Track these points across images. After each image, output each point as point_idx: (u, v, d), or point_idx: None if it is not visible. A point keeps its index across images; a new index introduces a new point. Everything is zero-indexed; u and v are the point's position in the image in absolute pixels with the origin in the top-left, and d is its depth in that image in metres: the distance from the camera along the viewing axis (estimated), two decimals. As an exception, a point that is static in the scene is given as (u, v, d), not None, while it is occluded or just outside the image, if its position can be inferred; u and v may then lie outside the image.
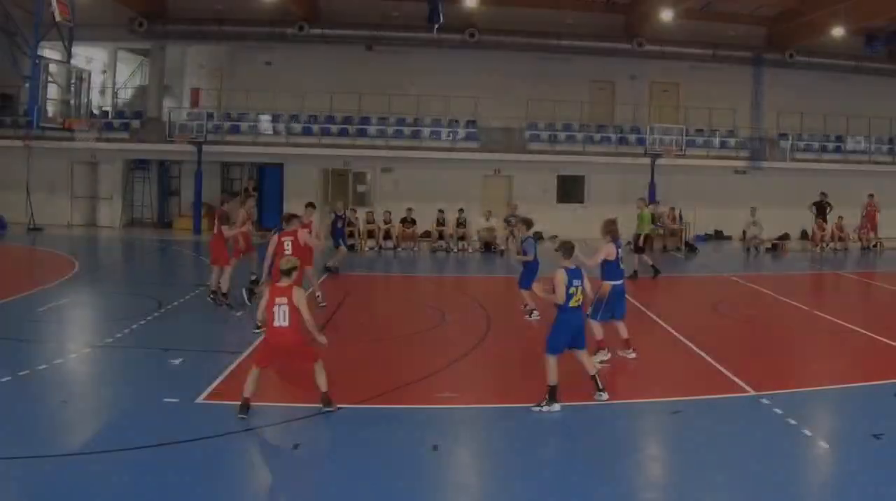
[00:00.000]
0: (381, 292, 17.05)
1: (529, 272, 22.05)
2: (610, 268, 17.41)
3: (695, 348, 18.85)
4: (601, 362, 16.60)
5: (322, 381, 13.65)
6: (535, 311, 22.14)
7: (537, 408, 13.61)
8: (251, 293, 21.80)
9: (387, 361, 16.54)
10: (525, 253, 21.88)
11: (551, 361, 13.91)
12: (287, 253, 18.74)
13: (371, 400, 14.26)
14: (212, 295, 22.24)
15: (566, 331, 14.08)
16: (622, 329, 17.70)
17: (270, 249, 19.55)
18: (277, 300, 13.21)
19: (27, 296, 23.63)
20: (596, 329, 17.00)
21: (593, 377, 14.39)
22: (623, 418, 13.79)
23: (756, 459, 11.89)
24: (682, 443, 12.81)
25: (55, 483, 10.60)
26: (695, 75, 48.55)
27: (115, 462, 11.29)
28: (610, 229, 17.94)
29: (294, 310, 13.19)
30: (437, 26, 35.76)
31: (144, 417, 13.15)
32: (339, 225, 31.34)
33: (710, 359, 17.67)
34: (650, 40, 45.88)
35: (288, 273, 13.55)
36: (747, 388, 15.31)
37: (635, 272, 30.56)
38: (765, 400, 14.45)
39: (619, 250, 17.53)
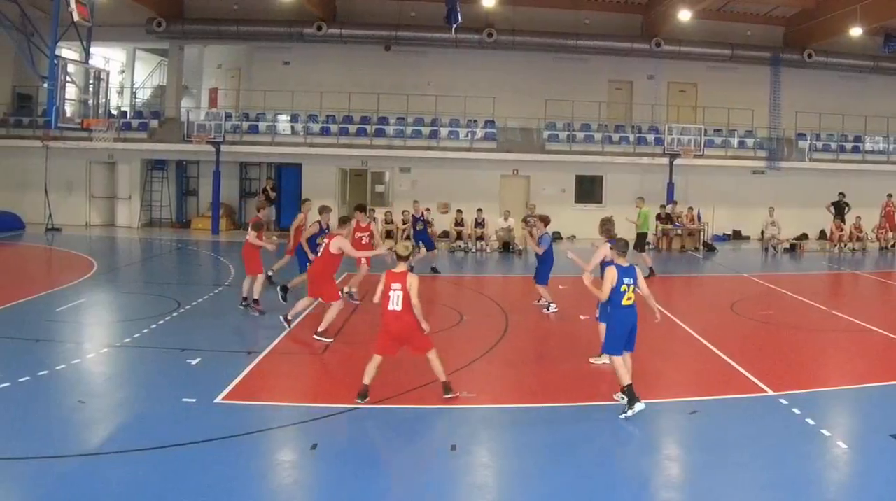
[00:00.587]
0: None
1: (545, 267, 22.14)
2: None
3: (713, 348, 18.81)
4: (603, 363, 16.51)
5: (438, 370, 14.23)
6: (552, 305, 22.18)
7: (623, 415, 13.36)
8: (285, 291, 21.84)
9: (405, 361, 16.51)
10: (539, 245, 22.05)
11: (617, 362, 13.82)
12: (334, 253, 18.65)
13: (389, 400, 14.23)
14: (244, 303, 22.18)
15: (622, 329, 13.96)
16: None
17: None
18: (393, 285, 13.74)
19: (45, 296, 23.70)
20: (602, 331, 16.68)
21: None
22: (641, 418, 13.67)
23: (774, 459, 11.87)
24: (699, 443, 12.78)
25: (73, 483, 10.60)
26: (712, 75, 48.57)
27: (132, 462, 11.30)
28: (605, 228, 18.07)
29: (407, 296, 13.68)
30: (455, 26, 35.75)
31: (162, 417, 13.16)
32: (419, 226, 31.78)
33: (728, 359, 17.64)
34: (668, 40, 45.96)
35: (405, 258, 14.30)
36: (766, 388, 15.29)
37: (651, 270, 30.51)
38: (783, 400, 14.43)
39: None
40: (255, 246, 21.65)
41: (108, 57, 50.38)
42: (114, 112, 43.98)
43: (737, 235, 47.35)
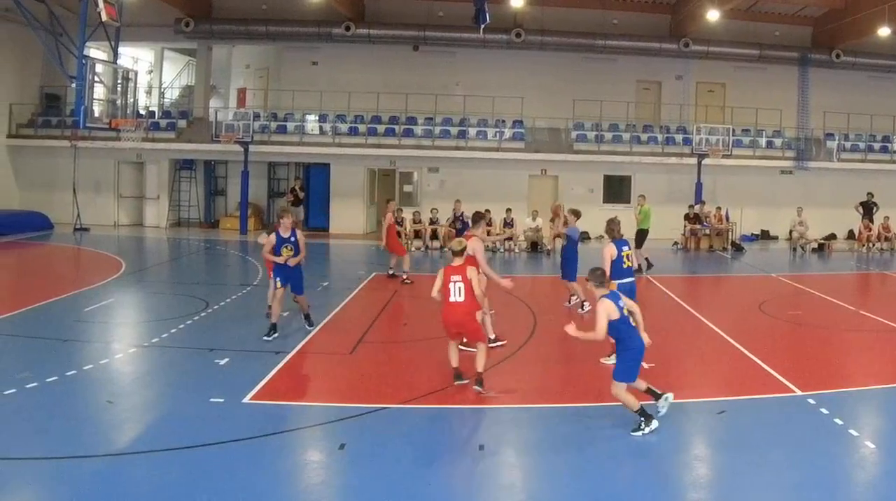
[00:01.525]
0: (427, 292, 17.12)
1: (571, 264, 22.16)
2: (614, 268, 17.12)
3: (741, 348, 18.76)
4: (612, 362, 16.08)
5: (481, 362, 14.65)
6: (585, 302, 22.19)
7: (639, 433, 12.87)
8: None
9: (432, 361, 16.57)
10: (568, 238, 22.12)
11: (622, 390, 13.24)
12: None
13: (417, 400, 14.28)
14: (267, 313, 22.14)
15: (639, 354, 13.18)
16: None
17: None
18: (453, 278, 14.37)
19: (73, 296, 23.78)
20: None
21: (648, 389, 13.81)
22: (668, 417, 13.65)
23: (802, 459, 11.90)
24: (727, 443, 12.76)
25: (101, 483, 10.65)
26: (741, 75, 48.47)
27: (161, 462, 11.35)
28: (609, 228, 17.97)
29: (469, 287, 14.26)
30: (483, 26, 35.75)
31: (190, 417, 13.21)
32: (457, 225, 32.10)
33: (756, 359, 17.60)
34: (696, 40, 45.85)
35: (460, 253, 14.65)
36: (793, 388, 15.27)
37: (648, 264, 31.48)
38: (811, 400, 14.41)
39: (623, 249, 17.41)
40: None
41: (136, 57, 50.64)
42: (142, 112, 43.97)
43: (765, 235, 47.21)
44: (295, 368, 16.37)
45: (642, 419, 12.77)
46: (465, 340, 15.86)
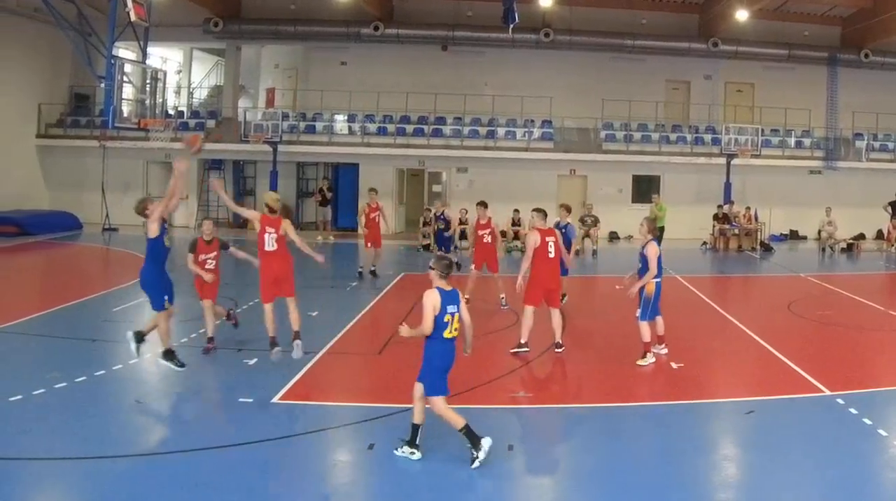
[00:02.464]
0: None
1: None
2: (659, 265, 17.04)
3: (769, 348, 18.71)
4: (648, 363, 16.74)
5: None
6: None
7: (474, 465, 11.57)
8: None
9: (461, 361, 16.59)
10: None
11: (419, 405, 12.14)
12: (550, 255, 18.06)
13: (446, 400, 14.32)
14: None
15: (443, 362, 11.92)
16: (661, 325, 17.64)
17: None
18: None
19: (102, 296, 23.95)
20: (644, 330, 16.87)
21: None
22: (697, 418, 13.79)
23: (831, 459, 11.88)
24: (756, 443, 12.73)
25: (130, 483, 10.70)
26: (769, 75, 48.31)
27: (189, 462, 11.40)
28: (651, 227, 17.66)
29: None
30: (511, 26, 35.72)
31: (219, 417, 13.37)
32: (439, 225, 32.06)
33: (784, 359, 17.56)
34: (725, 40, 45.73)
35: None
36: (822, 388, 15.23)
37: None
38: (840, 400, 14.38)
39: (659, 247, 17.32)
40: None
41: (165, 57, 50.78)
42: (171, 112, 44.27)
43: (794, 235, 47.14)
44: (323, 368, 16.39)
45: (471, 443, 11.55)
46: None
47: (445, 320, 11.66)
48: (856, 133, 47.66)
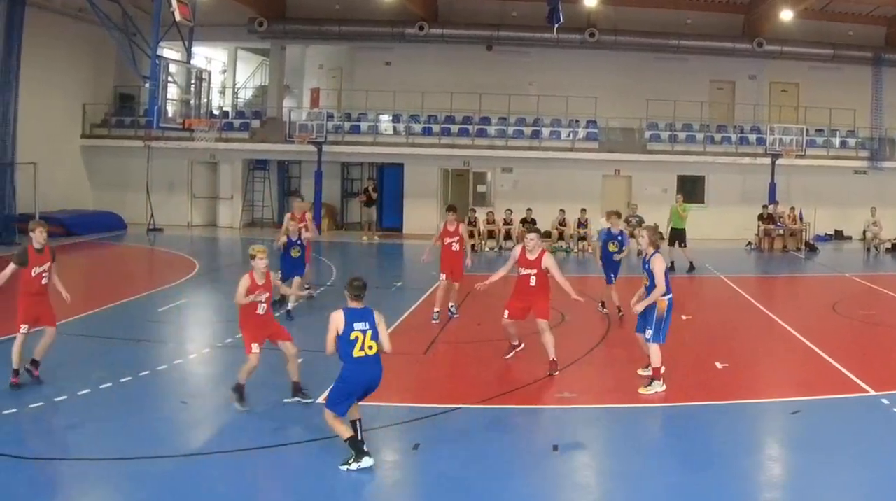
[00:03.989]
0: (500, 293, 17.17)
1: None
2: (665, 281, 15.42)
3: (814, 348, 18.67)
4: (655, 392, 15.03)
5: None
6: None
7: (345, 467, 11.29)
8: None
9: (506, 361, 16.59)
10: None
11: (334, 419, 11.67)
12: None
13: (491, 401, 14.36)
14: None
15: (353, 385, 11.54)
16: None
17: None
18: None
19: (147, 297, 24.09)
20: (655, 354, 15.31)
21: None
22: (743, 418, 13.81)
23: (875, 459, 11.83)
24: (801, 443, 12.76)
25: (176, 483, 10.80)
26: (814, 75, 48.02)
27: (235, 463, 11.50)
28: (652, 239, 15.91)
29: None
30: (556, 26, 35.60)
31: (264, 418, 13.37)
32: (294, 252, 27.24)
33: (829, 359, 17.51)
34: (770, 40, 45.52)
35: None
36: (867, 388, 15.18)
37: (691, 264, 31.70)
38: (884, 400, 14.35)
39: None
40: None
41: (209, 57, 50.99)
42: (215, 112, 44.29)
43: (838, 235, 46.85)
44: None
45: (353, 453, 11.33)
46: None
47: (352, 338, 11.35)
48: (901, 132, 47.27)
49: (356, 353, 11.33)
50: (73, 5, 40.74)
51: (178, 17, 28.31)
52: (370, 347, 11.39)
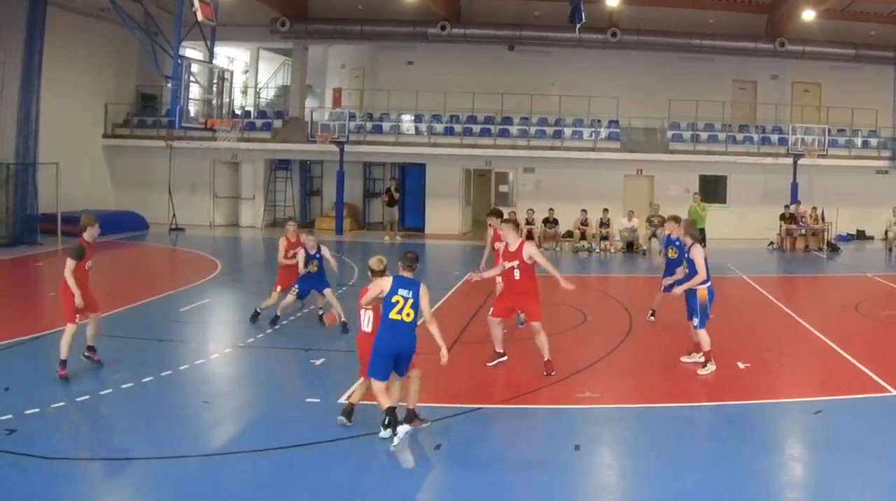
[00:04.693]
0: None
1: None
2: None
3: (837, 348, 18.63)
4: (709, 372, 16.25)
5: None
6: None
7: (392, 445, 11.76)
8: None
9: (528, 361, 16.59)
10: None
11: (378, 387, 12.24)
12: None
13: (512, 400, 14.44)
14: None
15: (387, 347, 12.21)
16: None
17: None
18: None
19: (169, 297, 24.16)
20: (704, 338, 16.37)
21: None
22: (765, 418, 13.82)
23: (898, 459, 11.80)
24: (823, 443, 12.79)
25: (198, 483, 10.85)
26: (836, 75, 47.95)
27: (256, 463, 11.51)
28: (690, 231, 17.54)
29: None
30: (578, 26, 35.60)
31: (286, 418, 13.40)
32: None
33: (851, 359, 17.48)
34: (792, 40, 45.46)
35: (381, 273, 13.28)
36: (890, 388, 15.17)
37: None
38: (907, 400, 14.24)
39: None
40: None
41: (231, 56, 51.17)
42: (238, 112, 44.38)
43: (860, 235, 46.77)
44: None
45: (390, 422, 11.90)
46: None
47: (394, 300, 12.09)
48: (923, 133, 47.10)
49: (392, 315, 12.12)
50: (94, 5, 40.78)
51: (200, 16, 28.35)
52: (408, 314, 12.18)
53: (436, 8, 43.81)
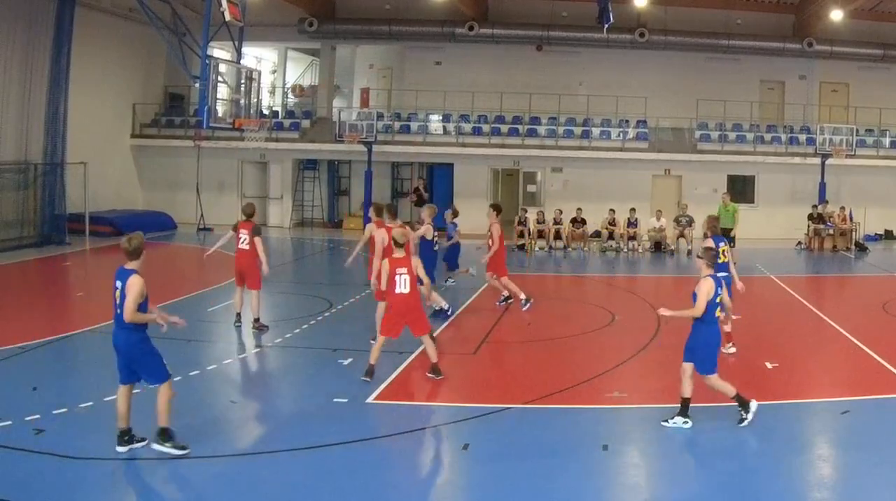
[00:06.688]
0: (551, 292, 17.18)
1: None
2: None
3: (864, 348, 18.61)
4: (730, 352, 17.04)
5: (432, 352, 15.57)
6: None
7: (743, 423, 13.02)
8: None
9: (556, 361, 16.60)
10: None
11: (713, 381, 13.29)
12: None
13: (540, 400, 14.41)
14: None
15: (717, 344, 13.42)
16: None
17: None
18: (398, 270, 15.03)
19: (197, 296, 24.30)
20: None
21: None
22: (793, 417, 13.84)
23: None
24: (851, 443, 12.77)
25: (225, 483, 10.92)
26: (864, 75, 47.76)
27: (284, 463, 11.58)
28: (712, 225, 18.15)
29: (413, 278, 15.20)
30: (607, 26, 35.58)
31: (314, 417, 13.45)
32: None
33: (879, 359, 17.47)
34: (820, 40, 45.32)
35: (402, 246, 15.60)
36: (918, 388, 15.03)
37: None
38: (934, 400, 14.21)
39: (720, 244, 17.16)
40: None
41: (259, 56, 51.15)
42: (265, 112, 44.60)
43: (888, 235, 46.52)
44: (418, 368, 16.42)
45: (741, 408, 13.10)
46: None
47: (718, 300, 13.04)
48: (951, 133, 46.88)
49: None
50: (123, 5, 41.00)
51: (227, 17, 28.38)
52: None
53: (464, 8, 43.72)
